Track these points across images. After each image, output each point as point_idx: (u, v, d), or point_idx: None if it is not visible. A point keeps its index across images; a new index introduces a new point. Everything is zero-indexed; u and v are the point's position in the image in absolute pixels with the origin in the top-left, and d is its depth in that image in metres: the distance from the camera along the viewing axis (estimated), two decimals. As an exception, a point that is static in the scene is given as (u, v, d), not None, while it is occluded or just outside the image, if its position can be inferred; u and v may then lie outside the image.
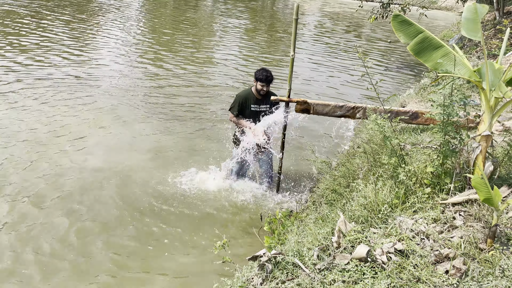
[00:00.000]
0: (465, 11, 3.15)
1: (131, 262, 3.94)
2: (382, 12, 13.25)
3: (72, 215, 4.54)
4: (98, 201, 4.83)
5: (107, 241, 4.20)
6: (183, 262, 3.99)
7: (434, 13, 24.59)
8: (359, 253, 2.57)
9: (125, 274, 3.79)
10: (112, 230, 4.36)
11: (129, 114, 7.30)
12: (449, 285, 2.36)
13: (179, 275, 3.83)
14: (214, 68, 10.85)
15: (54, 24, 13.51)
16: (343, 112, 5.01)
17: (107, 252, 4.04)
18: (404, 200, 3.22)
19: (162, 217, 4.64)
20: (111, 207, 4.74)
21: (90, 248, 4.08)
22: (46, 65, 9.46)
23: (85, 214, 4.58)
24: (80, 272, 3.78)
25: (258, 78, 4.83)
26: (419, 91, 8.37)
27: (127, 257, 4.00)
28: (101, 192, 5.00)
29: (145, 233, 4.36)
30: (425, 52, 3.25)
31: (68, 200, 4.79)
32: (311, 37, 16.65)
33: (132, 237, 4.29)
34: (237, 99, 4.99)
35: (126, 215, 4.62)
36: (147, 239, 4.27)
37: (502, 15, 13.07)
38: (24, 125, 6.47)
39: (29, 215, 4.48)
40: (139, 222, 4.52)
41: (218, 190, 5.18)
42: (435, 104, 3.18)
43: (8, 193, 4.78)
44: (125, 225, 4.45)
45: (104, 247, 4.10)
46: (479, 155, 3.07)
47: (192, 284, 3.74)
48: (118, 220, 4.52)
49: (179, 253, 4.09)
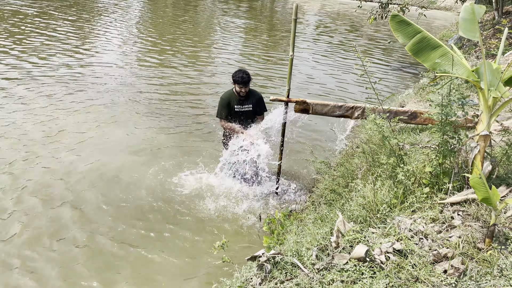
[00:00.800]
0: (462, 12, 3.15)
1: (128, 262, 3.94)
2: (381, 12, 13.26)
3: (61, 217, 4.53)
4: (93, 201, 4.82)
5: (105, 241, 4.19)
6: (182, 262, 3.99)
7: (433, 13, 24.61)
8: (357, 253, 2.58)
9: (123, 275, 3.79)
10: (110, 231, 4.36)
11: (127, 114, 7.29)
12: (447, 284, 2.37)
13: (178, 276, 3.83)
14: (212, 67, 10.86)
15: (53, 24, 13.51)
16: (342, 112, 5.02)
17: (104, 252, 4.04)
18: (403, 200, 3.22)
19: (159, 217, 4.64)
20: (107, 207, 4.74)
21: (87, 249, 4.08)
22: (43, 64, 9.46)
23: (80, 215, 4.58)
24: (77, 272, 3.78)
25: (236, 80, 4.83)
26: (418, 91, 8.38)
27: (124, 257, 4.00)
28: (98, 193, 4.99)
29: (143, 234, 4.36)
30: (423, 52, 3.26)
31: (57, 202, 4.75)
32: (311, 36, 16.66)
33: (129, 237, 4.28)
34: (221, 102, 5.01)
35: (122, 215, 4.62)
36: (144, 240, 4.27)
37: (501, 15, 13.08)
38: (18, 123, 6.46)
39: (17, 217, 4.43)
40: (136, 222, 4.51)
41: (216, 191, 5.18)
42: (433, 104, 3.19)
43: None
44: (122, 225, 4.45)
45: (102, 248, 4.10)
46: (477, 154, 3.08)
47: (191, 285, 3.74)
48: (114, 220, 4.52)
49: (178, 254, 4.09)
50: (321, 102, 5.03)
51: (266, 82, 9.99)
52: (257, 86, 9.61)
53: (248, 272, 2.82)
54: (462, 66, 3.17)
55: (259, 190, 5.24)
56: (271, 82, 10.03)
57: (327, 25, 20.50)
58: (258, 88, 9.39)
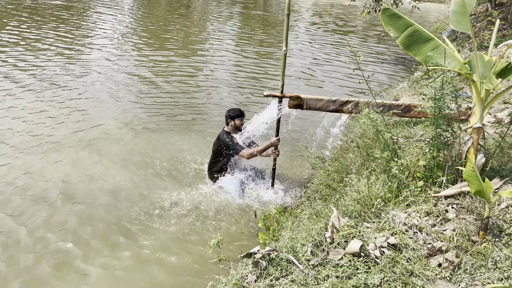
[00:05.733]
0: (453, 4, 3.14)
1: (125, 261, 3.93)
2: (374, 6, 13.25)
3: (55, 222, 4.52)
4: (89, 203, 4.80)
5: (101, 239, 4.18)
6: (178, 261, 3.98)
7: (427, 6, 24.65)
8: (352, 248, 2.58)
9: (119, 274, 3.77)
10: (105, 229, 4.34)
11: (120, 119, 7.25)
12: (442, 278, 2.37)
13: (174, 274, 3.82)
14: (207, 65, 10.82)
15: (40, 23, 13.40)
16: (336, 107, 5.00)
17: (101, 252, 4.02)
18: (397, 194, 3.22)
19: (153, 215, 4.63)
20: (102, 208, 4.72)
21: (83, 249, 4.06)
22: (30, 66, 9.29)
23: (77, 213, 4.56)
24: (73, 274, 3.77)
25: (237, 115, 5.10)
26: (412, 84, 8.38)
27: (122, 257, 3.98)
28: (93, 193, 4.97)
29: (137, 233, 4.34)
30: (415, 46, 3.24)
31: (46, 209, 4.61)
32: (305, 31, 16.62)
33: (125, 236, 4.27)
34: (231, 139, 5.05)
35: (115, 217, 4.60)
36: (140, 239, 4.25)
37: (494, 7, 13.10)
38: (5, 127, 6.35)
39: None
40: (129, 222, 4.50)
41: (210, 189, 5.17)
42: (426, 97, 3.18)
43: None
44: (115, 226, 4.42)
45: (98, 247, 4.08)
46: (471, 147, 3.08)
47: (187, 283, 3.74)
48: (110, 220, 4.50)
49: (174, 252, 4.08)
50: (315, 97, 5.01)
51: (259, 78, 9.96)
52: (250, 82, 9.61)
53: (243, 269, 2.81)
54: (454, 59, 3.16)
55: (254, 187, 5.23)
56: (264, 77, 10.01)
57: (320, 19, 20.46)
58: (251, 84, 9.42)
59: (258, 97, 8.56)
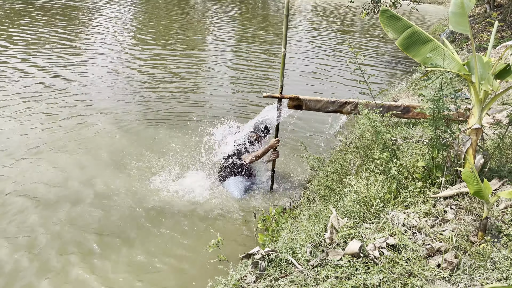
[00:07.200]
0: (452, 6, 3.15)
1: (124, 263, 3.93)
2: (373, 7, 13.28)
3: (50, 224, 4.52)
4: (83, 205, 4.80)
5: (99, 239, 4.18)
6: (177, 261, 3.98)
7: (425, 7, 24.72)
8: (351, 248, 2.58)
9: (118, 275, 3.77)
10: (102, 230, 4.34)
11: (116, 119, 7.26)
12: (441, 278, 2.38)
13: (173, 274, 3.82)
14: (207, 65, 10.83)
15: (38, 25, 13.41)
16: (335, 108, 5.01)
17: (99, 252, 4.02)
18: (396, 194, 3.23)
19: (153, 216, 4.62)
20: (98, 209, 4.72)
21: (80, 250, 4.06)
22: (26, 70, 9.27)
23: (71, 216, 4.56)
24: (70, 278, 3.77)
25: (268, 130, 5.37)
26: (411, 85, 8.40)
27: (121, 257, 3.98)
28: (88, 195, 4.97)
29: (137, 233, 4.34)
30: (413, 47, 3.25)
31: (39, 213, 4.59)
32: (305, 32, 16.64)
33: (124, 237, 4.27)
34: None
35: (115, 215, 4.60)
36: (139, 240, 4.25)
37: (493, 8, 13.13)
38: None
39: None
40: (129, 222, 4.50)
41: (209, 189, 5.17)
42: (425, 99, 3.19)
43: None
44: (114, 227, 4.42)
45: (97, 247, 4.08)
46: (470, 148, 3.09)
47: (186, 283, 3.74)
48: (108, 221, 4.50)
49: (173, 253, 4.08)
50: (314, 98, 5.02)
51: (258, 79, 9.97)
52: (250, 82, 9.61)
53: (243, 270, 2.82)
54: (453, 60, 3.17)
55: (254, 188, 5.23)
56: (263, 78, 10.02)
57: (319, 20, 20.48)
58: (251, 85, 9.43)
59: (257, 98, 8.57)
